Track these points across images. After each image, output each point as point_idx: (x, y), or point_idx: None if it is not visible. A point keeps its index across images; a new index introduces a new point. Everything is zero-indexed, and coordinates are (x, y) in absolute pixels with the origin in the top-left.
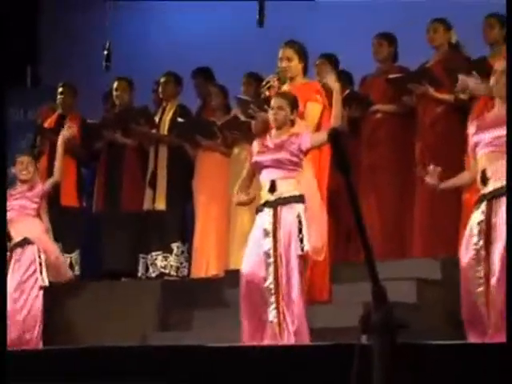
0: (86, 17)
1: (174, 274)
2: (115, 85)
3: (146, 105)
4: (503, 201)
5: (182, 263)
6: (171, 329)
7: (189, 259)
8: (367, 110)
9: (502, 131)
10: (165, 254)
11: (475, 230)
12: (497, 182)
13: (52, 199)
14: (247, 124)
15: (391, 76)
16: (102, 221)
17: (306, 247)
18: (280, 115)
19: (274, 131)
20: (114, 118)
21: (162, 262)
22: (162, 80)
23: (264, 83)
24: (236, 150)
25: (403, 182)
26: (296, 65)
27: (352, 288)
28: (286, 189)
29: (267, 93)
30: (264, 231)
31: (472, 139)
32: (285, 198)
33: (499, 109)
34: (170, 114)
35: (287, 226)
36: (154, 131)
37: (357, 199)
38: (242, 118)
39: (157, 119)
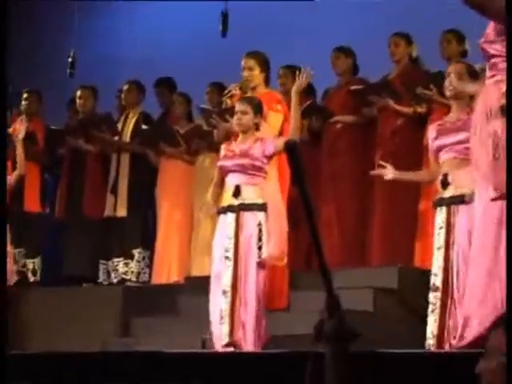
0: (51, 23)
1: (135, 279)
2: (79, 92)
3: (109, 112)
4: (462, 209)
5: (143, 269)
6: (132, 335)
7: (150, 265)
8: (328, 121)
9: (463, 136)
10: (126, 260)
11: (436, 236)
12: (457, 189)
13: (15, 204)
14: (210, 133)
15: (353, 87)
16: (63, 226)
17: (264, 255)
18: (244, 119)
19: (239, 136)
20: (77, 125)
21: (123, 268)
22: (125, 88)
23: (226, 92)
24: (200, 158)
25: (363, 191)
26: (257, 74)
27: (311, 295)
28: (249, 195)
29: (229, 101)
30: (226, 235)
31: (433, 144)
32: (248, 204)
33: (456, 112)
34: (133, 121)
35: (248, 233)
36: (116, 138)
37: (312, 211)
38: (205, 126)
39: (120, 126)
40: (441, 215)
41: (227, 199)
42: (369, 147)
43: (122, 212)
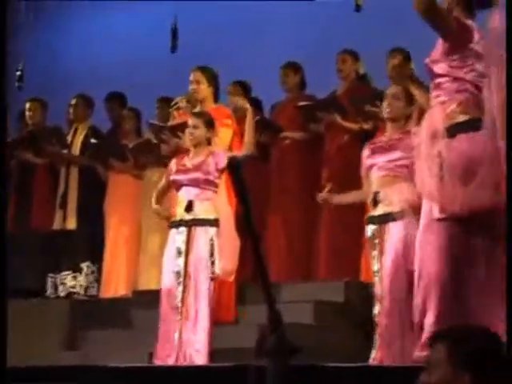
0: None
1: (83, 293)
2: (28, 105)
3: (59, 125)
4: (392, 226)
5: (91, 283)
6: (79, 348)
7: (98, 279)
8: (276, 136)
9: (394, 155)
10: (74, 274)
11: (372, 254)
12: (387, 206)
13: None
14: (158, 147)
15: (301, 103)
16: (12, 240)
17: (217, 270)
18: (196, 133)
19: (191, 150)
20: (26, 138)
21: (72, 282)
22: (73, 102)
23: (173, 103)
24: (148, 173)
25: (310, 206)
26: (205, 88)
27: (258, 309)
28: (202, 211)
29: (175, 113)
30: (177, 250)
31: (366, 162)
32: (200, 219)
33: (391, 132)
34: (82, 135)
35: (200, 248)
36: (65, 151)
37: (254, 226)
38: (154, 140)
39: (69, 140)
40: (372, 233)
41: (179, 213)
42: (316, 162)
43: (70, 225)
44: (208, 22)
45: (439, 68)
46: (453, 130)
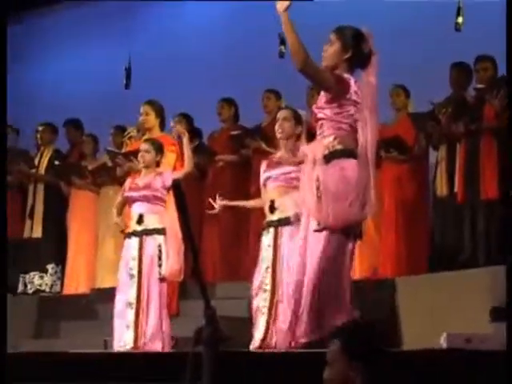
0: None
1: (49, 290)
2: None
3: (27, 149)
4: (287, 229)
5: (55, 281)
6: (46, 337)
7: (62, 278)
8: (212, 159)
9: (286, 169)
10: (41, 274)
11: (265, 253)
12: (283, 212)
13: None
14: (113, 169)
15: (233, 132)
16: None
17: (163, 272)
18: (147, 157)
19: (142, 171)
20: None
21: (39, 281)
22: (40, 128)
23: (125, 133)
24: (104, 190)
25: (240, 217)
26: (153, 119)
27: (196, 304)
28: (151, 222)
29: (128, 141)
30: (131, 256)
31: (263, 175)
32: (149, 229)
33: (283, 149)
34: (47, 157)
35: (149, 254)
36: (32, 171)
37: (192, 234)
38: (110, 164)
39: (36, 161)
40: (268, 236)
41: (132, 226)
42: (245, 181)
43: (37, 233)
44: (159, 62)
45: (323, 114)
46: (329, 157)
